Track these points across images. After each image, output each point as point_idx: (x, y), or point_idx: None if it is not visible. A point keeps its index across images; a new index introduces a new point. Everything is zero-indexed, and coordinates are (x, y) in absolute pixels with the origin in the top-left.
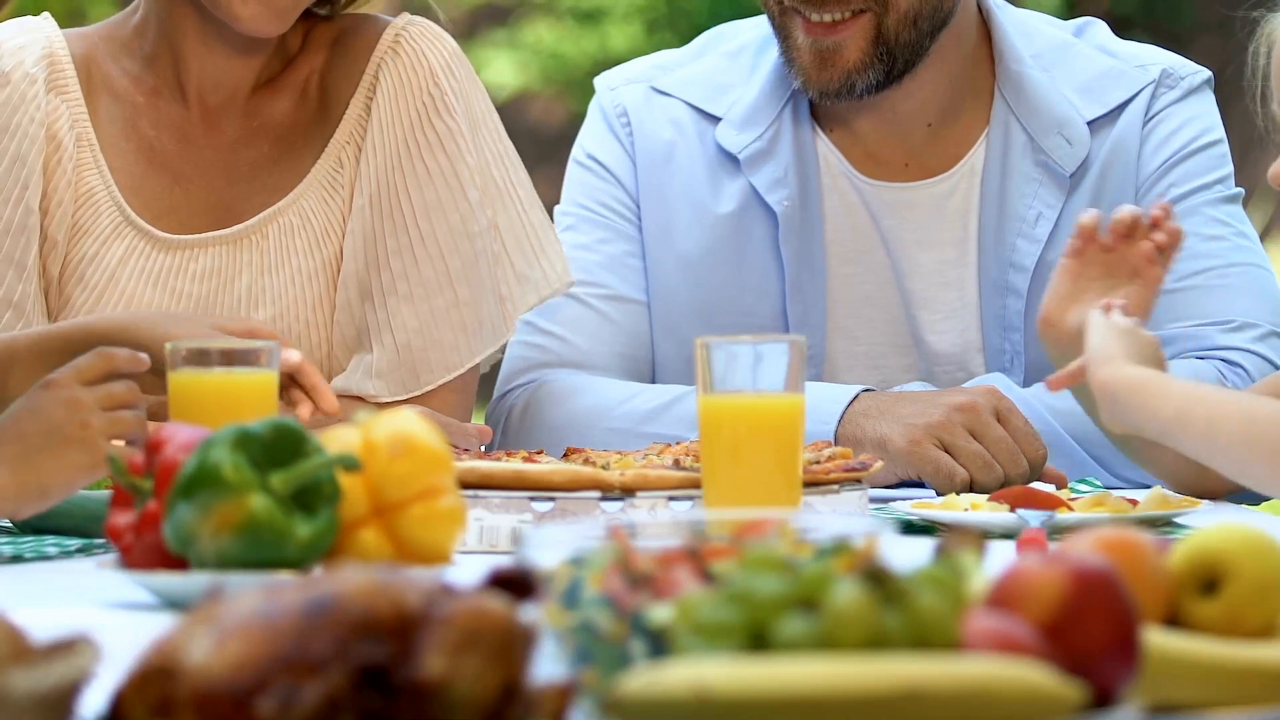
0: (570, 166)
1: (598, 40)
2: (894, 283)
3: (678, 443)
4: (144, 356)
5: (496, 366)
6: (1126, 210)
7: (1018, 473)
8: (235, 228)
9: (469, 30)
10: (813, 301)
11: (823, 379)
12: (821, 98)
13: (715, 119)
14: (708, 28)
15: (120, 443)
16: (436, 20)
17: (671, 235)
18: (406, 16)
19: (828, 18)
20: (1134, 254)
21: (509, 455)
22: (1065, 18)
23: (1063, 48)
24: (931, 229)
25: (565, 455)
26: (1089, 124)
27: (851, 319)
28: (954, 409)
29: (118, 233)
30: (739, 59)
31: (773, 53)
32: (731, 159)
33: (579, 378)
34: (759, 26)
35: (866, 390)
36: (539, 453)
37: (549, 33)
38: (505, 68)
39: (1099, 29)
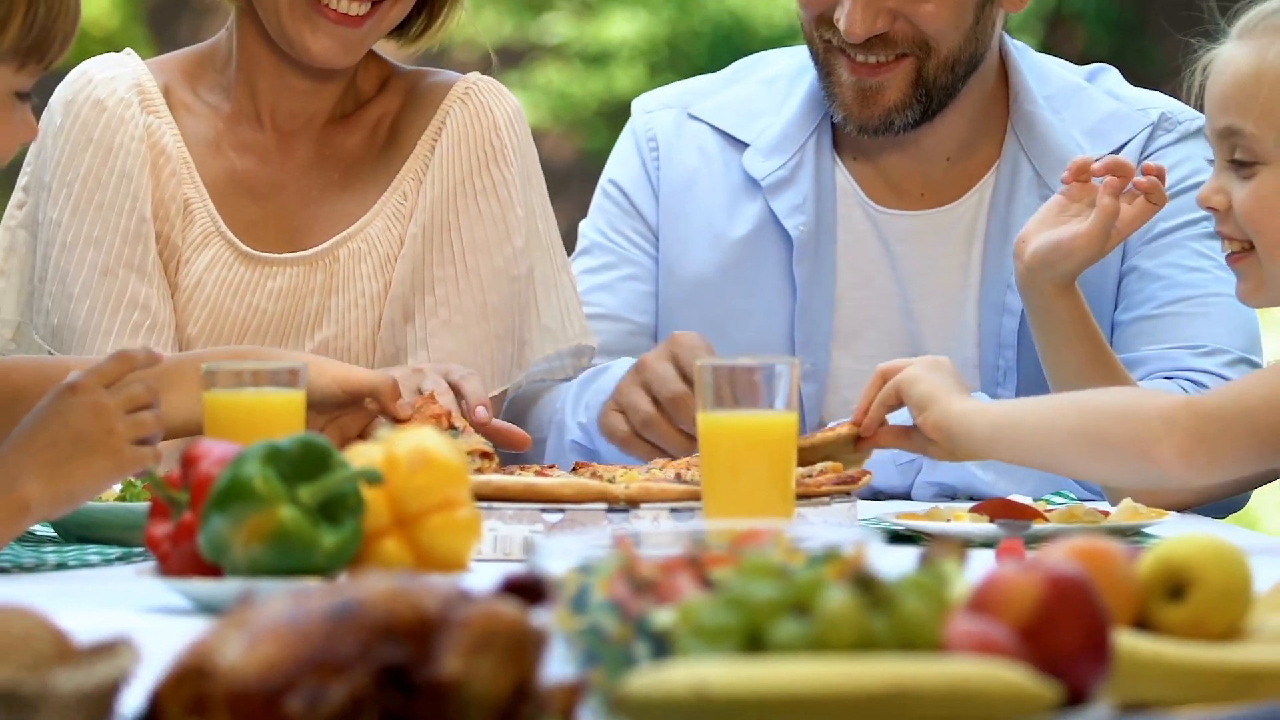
0: (598, 191)
1: (604, 81)
2: (900, 305)
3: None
4: (159, 353)
5: None
6: (1081, 156)
7: (682, 417)
8: (309, 251)
9: (484, 72)
10: (819, 322)
11: (825, 394)
12: (860, 132)
13: (743, 145)
14: (708, 70)
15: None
16: (489, 61)
17: (687, 258)
18: (477, 74)
19: (873, 59)
20: (1091, 189)
21: (522, 469)
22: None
23: (1074, 91)
24: (938, 254)
25: (574, 469)
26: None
27: (856, 339)
28: (630, 372)
29: (208, 241)
30: (773, 87)
31: (804, 83)
32: (753, 183)
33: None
34: (794, 56)
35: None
36: (550, 467)
37: (558, 75)
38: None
39: (1110, 75)
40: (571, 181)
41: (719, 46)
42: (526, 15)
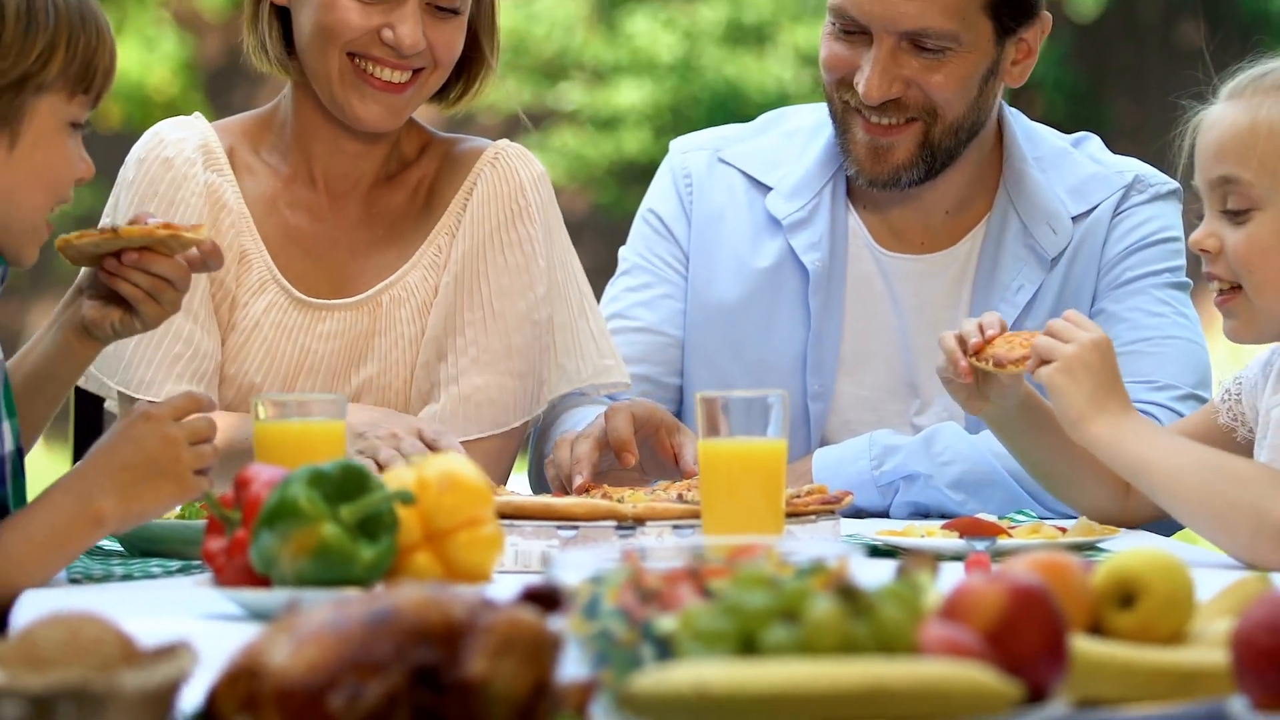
0: (637, 219)
1: (614, 144)
2: (898, 339)
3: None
4: (213, 399)
5: None
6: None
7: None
8: (356, 297)
9: (507, 134)
10: (829, 349)
11: (829, 415)
12: (871, 185)
13: (766, 188)
14: None
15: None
16: (518, 122)
17: (714, 284)
18: (506, 141)
19: (886, 121)
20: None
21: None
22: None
23: (1061, 154)
24: (933, 294)
25: (586, 490)
26: (1073, 219)
27: (860, 367)
28: (565, 438)
29: (264, 287)
30: (794, 139)
31: (821, 137)
32: (775, 222)
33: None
34: (813, 114)
35: None
36: (596, 487)
37: (573, 138)
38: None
39: (1094, 142)
40: (585, 231)
41: (716, 111)
42: (544, 84)
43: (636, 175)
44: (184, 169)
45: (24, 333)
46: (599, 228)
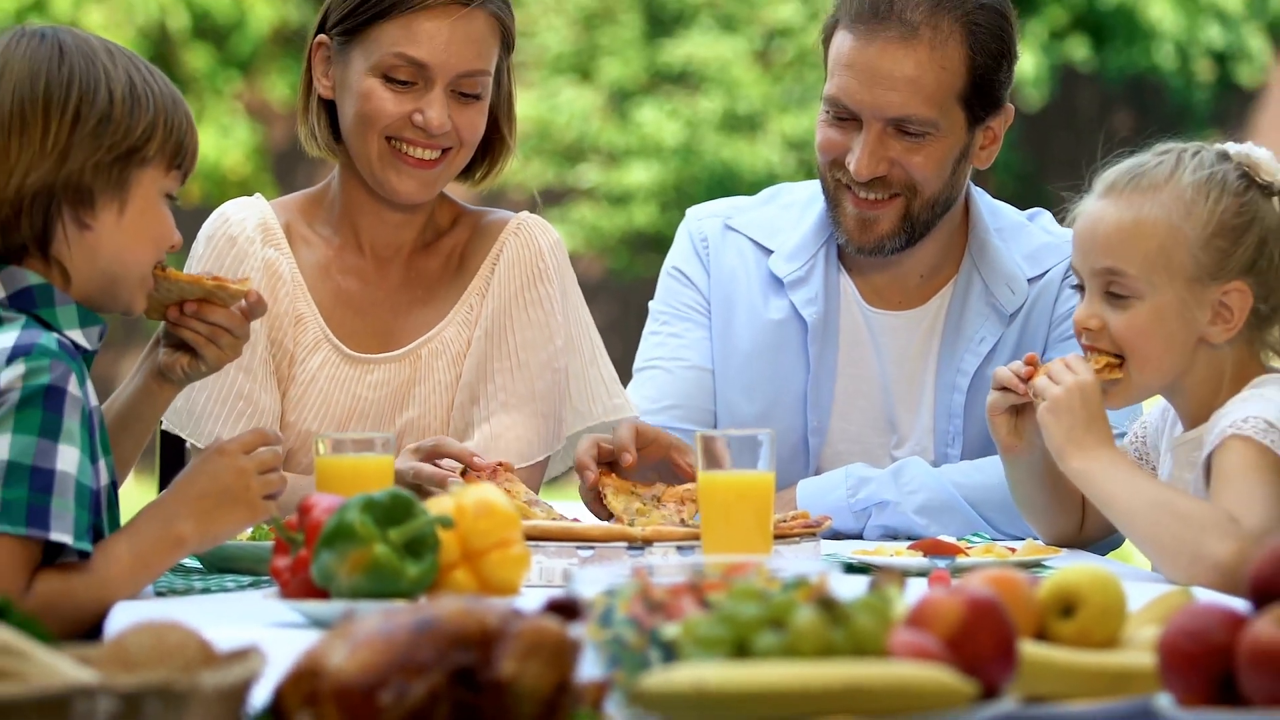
0: (663, 276)
1: (625, 217)
2: (880, 383)
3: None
4: (278, 433)
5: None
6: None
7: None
8: (399, 351)
9: (532, 209)
10: (825, 390)
11: (824, 447)
12: (858, 252)
13: (769, 251)
14: None
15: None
16: (535, 202)
17: (731, 333)
18: (527, 213)
19: (872, 196)
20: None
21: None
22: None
23: (1019, 226)
24: (908, 345)
25: (600, 476)
26: (1028, 280)
27: (849, 406)
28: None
29: (318, 346)
30: (791, 210)
31: (814, 210)
32: (778, 281)
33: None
34: (806, 189)
35: None
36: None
37: (590, 211)
38: (560, 237)
39: (1045, 216)
40: (600, 292)
41: (714, 189)
42: (565, 165)
43: (645, 244)
44: (245, 246)
45: (116, 380)
46: (612, 289)
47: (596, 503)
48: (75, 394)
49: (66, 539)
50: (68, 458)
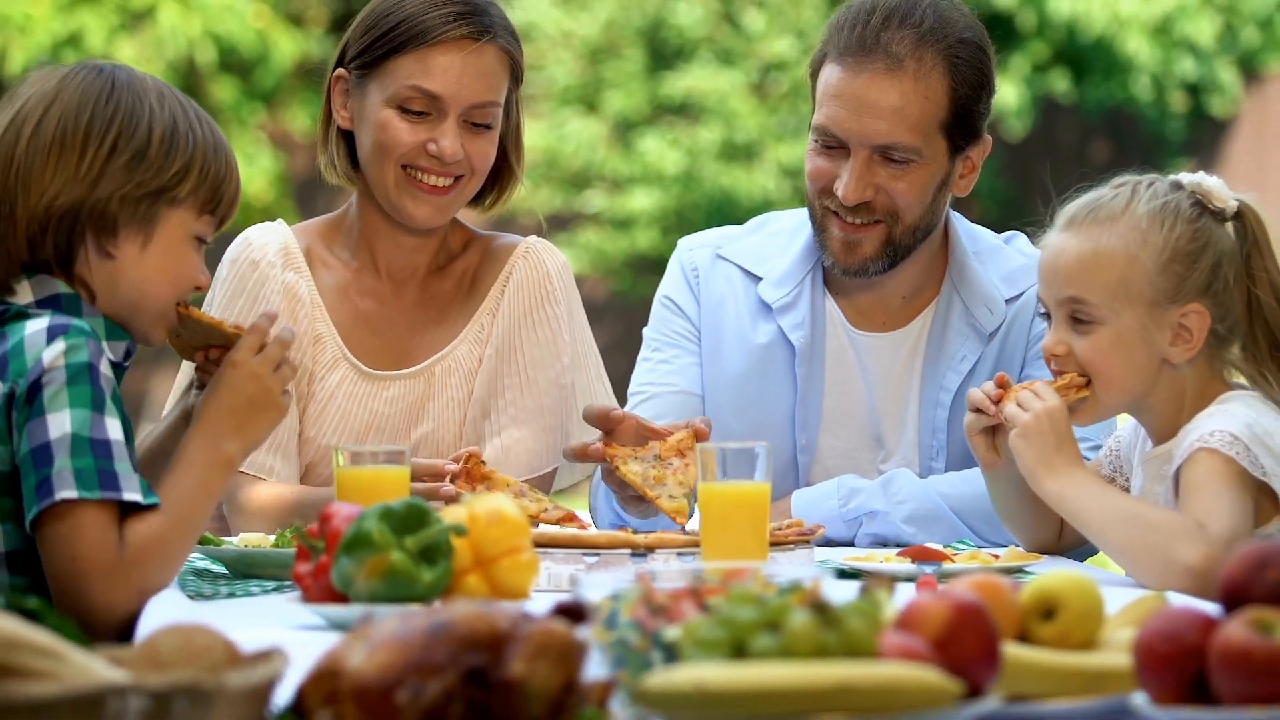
0: (656, 304)
1: (629, 241)
2: (866, 401)
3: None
4: (291, 329)
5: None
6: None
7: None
8: (414, 369)
9: (540, 233)
10: (813, 409)
11: (813, 464)
12: (844, 274)
13: (758, 278)
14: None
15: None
16: (541, 227)
17: (720, 357)
18: (535, 237)
19: (857, 220)
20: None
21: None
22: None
23: (995, 249)
24: (892, 364)
25: (607, 437)
26: (1006, 301)
27: (836, 423)
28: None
29: (336, 365)
30: (778, 239)
31: (801, 237)
32: (766, 307)
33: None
34: (793, 218)
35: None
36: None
37: (595, 235)
38: (567, 260)
39: (1020, 238)
40: (606, 313)
41: (713, 215)
42: (572, 192)
43: (648, 267)
44: (266, 270)
45: (147, 395)
46: (617, 310)
47: (612, 478)
48: (106, 371)
49: (137, 497)
50: (114, 427)
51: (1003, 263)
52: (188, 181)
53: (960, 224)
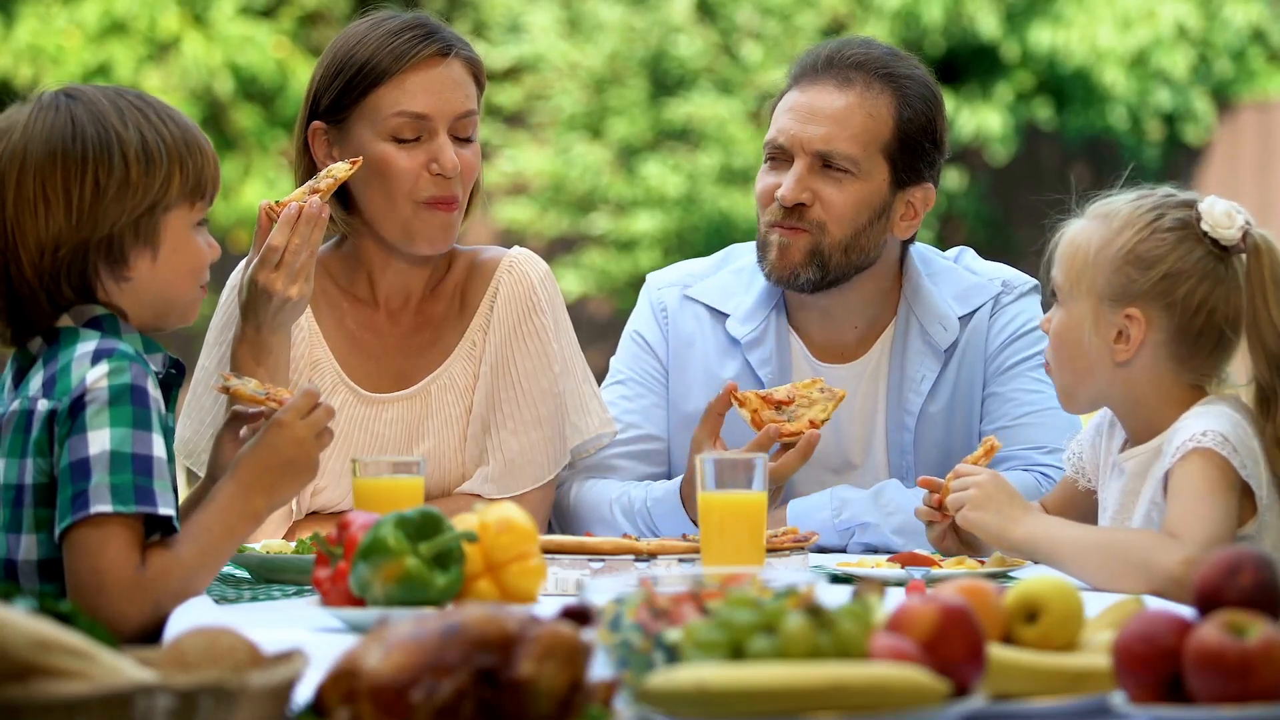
0: (624, 338)
1: (632, 262)
2: (833, 427)
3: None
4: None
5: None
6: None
7: None
8: (410, 389)
9: (548, 255)
10: None
11: (788, 487)
12: (777, 283)
13: (724, 315)
14: (708, 253)
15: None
16: (558, 244)
17: (688, 395)
18: (517, 248)
19: (789, 223)
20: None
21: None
22: (943, 249)
23: (946, 269)
24: (859, 391)
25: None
26: (959, 318)
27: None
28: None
29: (335, 389)
30: (741, 275)
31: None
32: (734, 341)
33: (598, 483)
34: (753, 252)
35: None
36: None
37: (600, 257)
38: (572, 280)
39: (968, 254)
40: (609, 331)
41: (713, 236)
42: (577, 215)
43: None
44: None
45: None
46: (620, 328)
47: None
48: (154, 393)
49: (171, 512)
50: (158, 445)
51: (954, 281)
52: (174, 185)
53: (914, 250)
